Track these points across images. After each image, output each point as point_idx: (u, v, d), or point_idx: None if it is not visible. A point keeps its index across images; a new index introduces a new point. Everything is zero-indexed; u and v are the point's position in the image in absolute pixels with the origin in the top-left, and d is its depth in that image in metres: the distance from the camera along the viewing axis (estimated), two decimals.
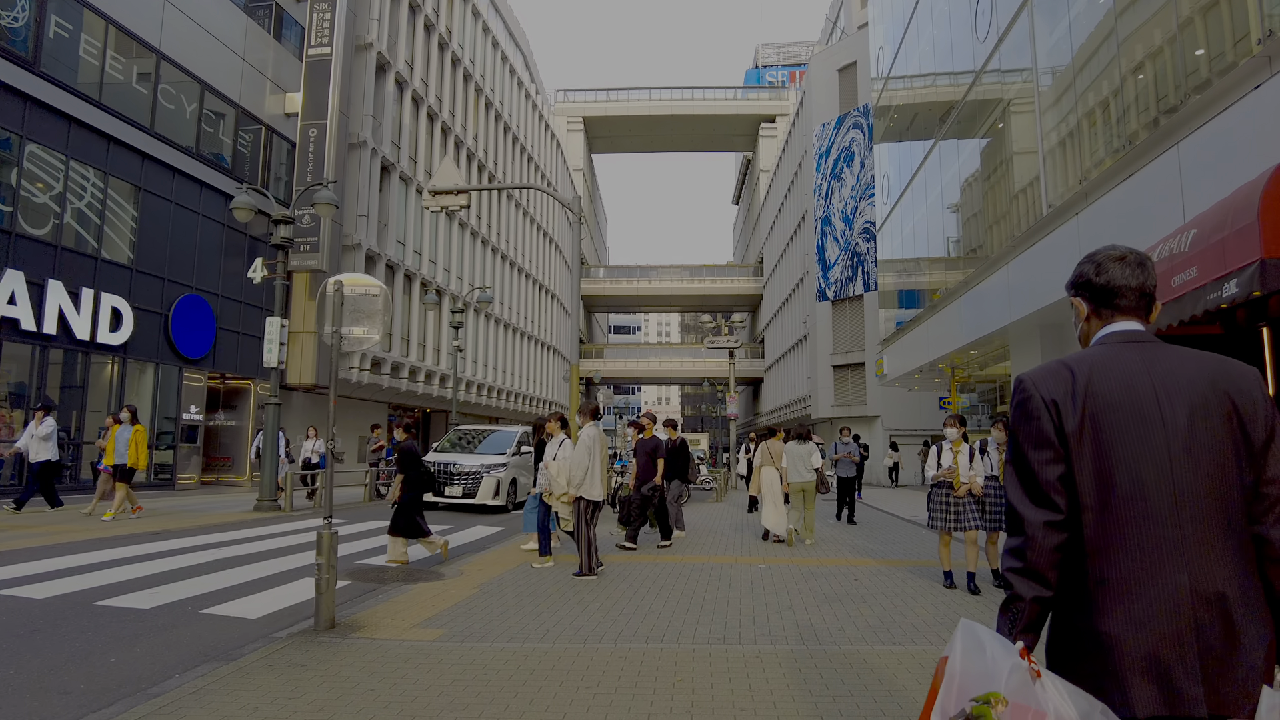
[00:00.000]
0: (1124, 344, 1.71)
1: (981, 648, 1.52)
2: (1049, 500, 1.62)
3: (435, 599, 6.76)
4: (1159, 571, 1.54)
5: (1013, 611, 1.62)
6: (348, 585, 7.61)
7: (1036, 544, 1.60)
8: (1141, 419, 1.60)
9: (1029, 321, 14.77)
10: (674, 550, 10.02)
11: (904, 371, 24.41)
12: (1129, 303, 1.75)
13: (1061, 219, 12.47)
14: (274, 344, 14.61)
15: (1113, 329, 1.76)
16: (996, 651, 1.50)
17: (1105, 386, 1.63)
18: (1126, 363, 1.66)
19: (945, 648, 1.58)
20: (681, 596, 6.87)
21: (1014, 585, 1.63)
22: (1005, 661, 1.47)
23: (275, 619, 6.13)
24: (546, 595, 6.91)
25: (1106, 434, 1.61)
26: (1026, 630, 1.60)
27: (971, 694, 1.47)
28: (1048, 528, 1.60)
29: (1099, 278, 1.77)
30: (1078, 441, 1.62)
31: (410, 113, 29.90)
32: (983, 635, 1.54)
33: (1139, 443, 1.59)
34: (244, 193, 14.46)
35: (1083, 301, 1.83)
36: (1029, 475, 1.65)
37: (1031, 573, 1.61)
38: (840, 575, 8.10)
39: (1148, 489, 1.57)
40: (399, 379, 28.20)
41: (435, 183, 14.97)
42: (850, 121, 38.10)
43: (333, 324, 5.94)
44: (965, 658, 1.52)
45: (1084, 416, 1.62)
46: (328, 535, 5.68)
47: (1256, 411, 1.61)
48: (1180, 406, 1.60)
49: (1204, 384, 1.62)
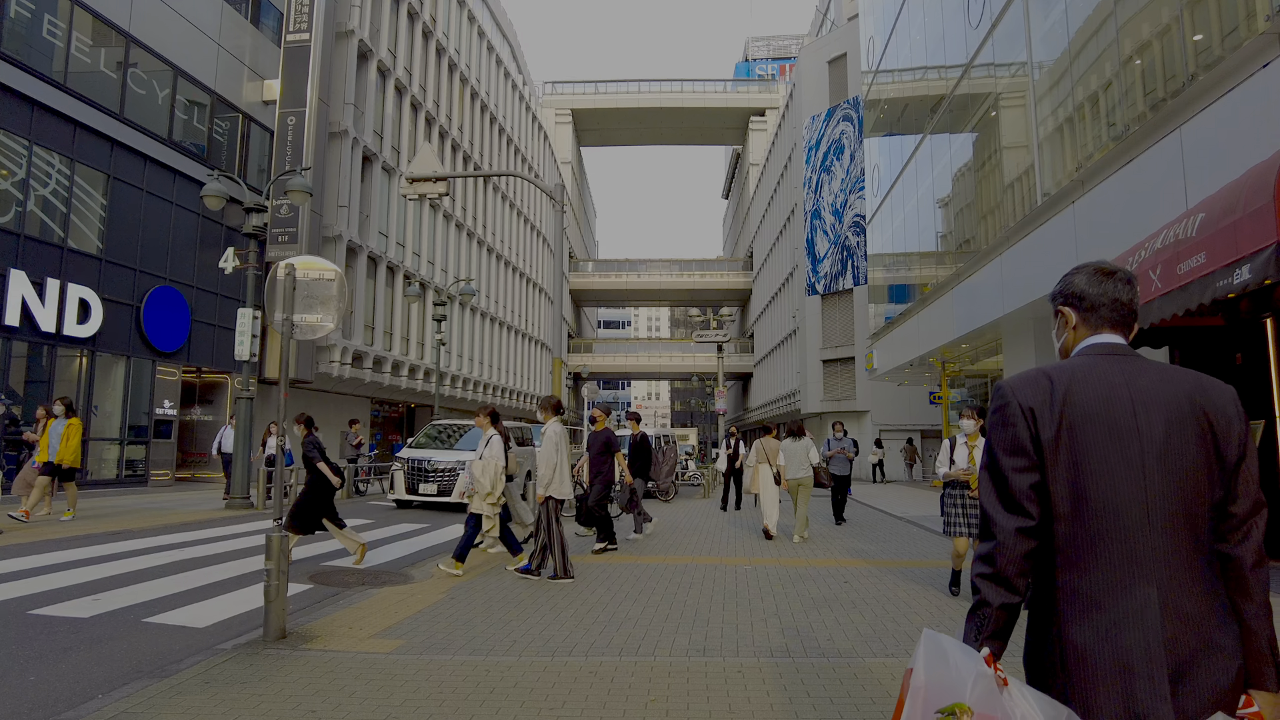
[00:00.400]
0: (1106, 356, 1.71)
1: (945, 657, 1.50)
2: (1021, 508, 1.61)
3: (399, 605, 6.35)
4: (1129, 584, 1.55)
5: (979, 618, 1.61)
6: (309, 589, 7.19)
7: (1007, 550, 1.60)
8: (1118, 431, 1.60)
9: (1022, 314, 14.45)
10: (658, 550, 9.63)
11: (894, 365, 24.11)
12: (1116, 317, 1.76)
13: (1057, 208, 12.14)
14: (246, 336, 14.13)
15: (1096, 340, 1.76)
16: (960, 661, 1.48)
17: (1084, 397, 1.63)
18: (1107, 374, 1.67)
19: (910, 659, 1.55)
20: (661, 602, 6.48)
21: (981, 591, 1.62)
22: (969, 670, 1.45)
23: (225, 628, 5.70)
24: (518, 601, 6.51)
25: (1082, 444, 1.60)
26: (993, 637, 1.59)
27: (937, 706, 1.45)
28: (1019, 534, 1.60)
29: (1091, 289, 1.78)
30: (1053, 451, 1.61)
31: (393, 102, 29.34)
32: (946, 645, 1.52)
33: (1114, 455, 1.59)
34: (215, 180, 13.98)
35: (1072, 312, 1.82)
36: (1002, 481, 1.64)
37: (1000, 579, 1.60)
38: (829, 577, 7.73)
39: (1121, 501, 1.57)
40: (381, 373, 27.70)
41: (413, 169, 14.49)
42: (840, 114, 37.76)
43: (284, 311, 5.51)
44: (929, 669, 1.50)
45: (1061, 426, 1.62)
46: (276, 539, 5.26)
47: (1230, 429, 1.61)
48: (1157, 419, 1.61)
49: (1182, 399, 1.62)
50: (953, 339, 17.85)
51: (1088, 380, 1.66)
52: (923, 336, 20.24)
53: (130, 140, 17.61)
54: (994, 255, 14.94)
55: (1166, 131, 9.01)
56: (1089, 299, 1.78)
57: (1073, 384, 1.65)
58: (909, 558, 9.17)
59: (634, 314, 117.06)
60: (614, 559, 8.84)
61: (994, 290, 14.90)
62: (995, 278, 14.84)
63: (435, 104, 32.92)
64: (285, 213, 21.96)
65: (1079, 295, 1.80)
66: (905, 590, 7.08)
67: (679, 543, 10.34)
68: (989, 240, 15.37)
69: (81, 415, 16.63)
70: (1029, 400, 1.65)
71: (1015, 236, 13.92)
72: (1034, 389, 1.66)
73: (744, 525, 12.64)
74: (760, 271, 56.19)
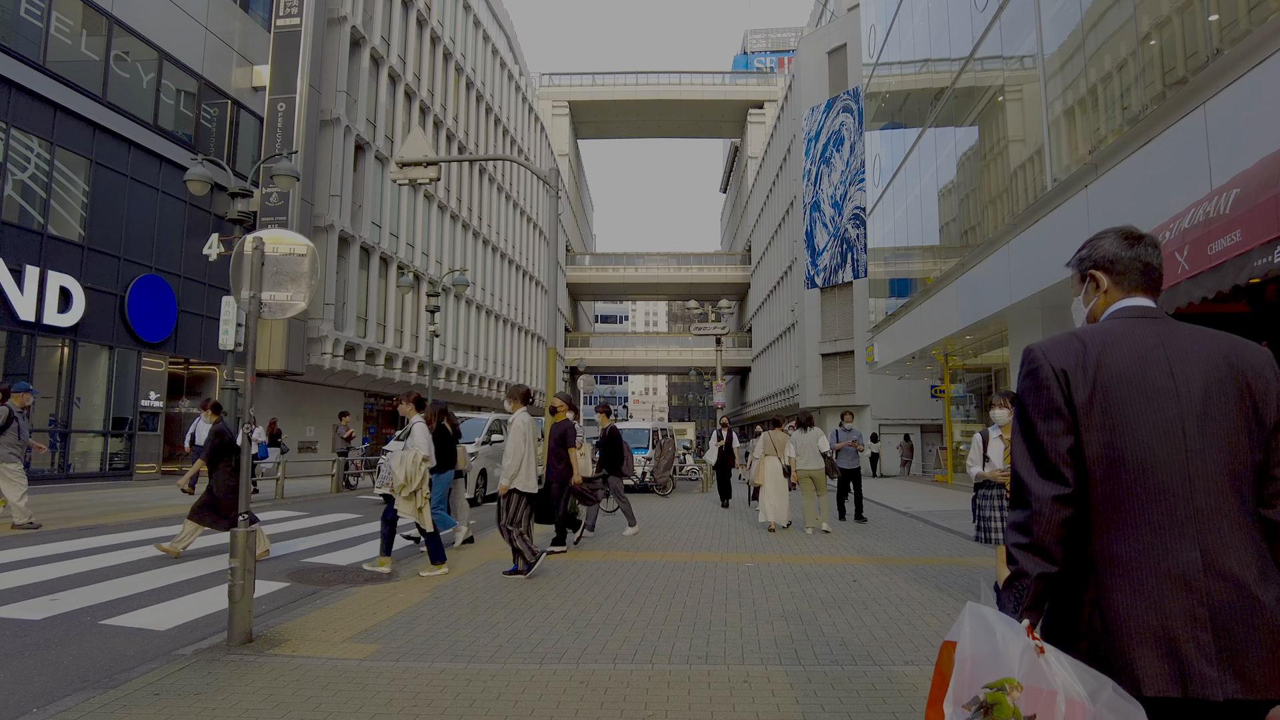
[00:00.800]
0: (1138, 319, 1.69)
1: (991, 631, 1.46)
2: (1058, 473, 1.57)
3: (379, 605, 5.94)
4: (1170, 547, 1.51)
5: (1017, 589, 1.57)
6: (285, 588, 6.78)
7: (1043, 518, 1.56)
8: (1155, 392, 1.57)
9: (1030, 304, 14.05)
10: (656, 547, 9.23)
11: (895, 359, 23.70)
12: (1146, 280, 1.75)
13: (1068, 193, 11.72)
14: (231, 325, 13.73)
15: (1127, 304, 1.74)
16: (1006, 634, 1.44)
17: (1118, 359, 1.61)
18: (1140, 336, 1.64)
19: (950, 631, 1.52)
20: (659, 602, 6.07)
21: (1019, 561, 1.58)
22: (1016, 644, 1.42)
23: (188, 630, 5.29)
24: (507, 601, 6.10)
25: (1118, 406, 1.57)
26: (1032, 608, 1.56)
27: (984, 680, 1.42)
28: (1055, 502, 1.56)
29: (1124, 253, 1.76)
30: (1087, 413, 1.58)
31: (386, 90, 28.83)
32: (990, 618, 1.48)
33: (1152, 416, 1.56)
34: (199, 164, 13.52)
35: (1105, 275, 1.79)
36: (1037, 447, 1.60)
37: (1038, 548, 1.56)
38: (836, 576, 7.33)
39: (1159, 463, 1.54)
40: (374, 365, 27.25)
41: (403, 153, 14.04)
42: (840, 105, 37.29)
43: (250, 288, 5.09)
44: (975, 642, 1.46)
45: (1095, 388, 1.59)
46: (243, 535, 4.85)
47: (1269, 391, 1.59)
48: (1195, 380, 1.58)
49: (1219, 360, 1.59)
50: (956, 330, 17.45)
51: (1121, 342, 1.63)
52: (925, 329, 19.83)
53: (114, 125, 17.13)
54: (1000, 244, 14.53)
55: (1189, 109, 8.59)
56: (1121, 263, 1.76)
57: (1106, 346, 1.62)
58: (918, 555, 8.77)
59: (632, 308, 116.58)
60: (610, 555, 8.44)
61: (1000, 280, 14.50)
62: (1002, 267, 14.43)
63: (430, 93, 32.40)
64: (275, 201, 21.50)
65: (1110, 259, 1.77)
66: (918, 591, 6.68)
67: (678, 539, 9.94)
68: (995, 229, 14.96)
69: (64, 407, 16.21)
70: (1061, 362, 1.62)
71: (1023, 224, 13.51)
72: (1065, 351, 1.63)
73: (744, 520, 12.24)
74: (758, 265, 55.75)
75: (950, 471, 21.71)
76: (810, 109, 39.28)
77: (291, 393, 23.96)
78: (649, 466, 18.27)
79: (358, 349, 25.92)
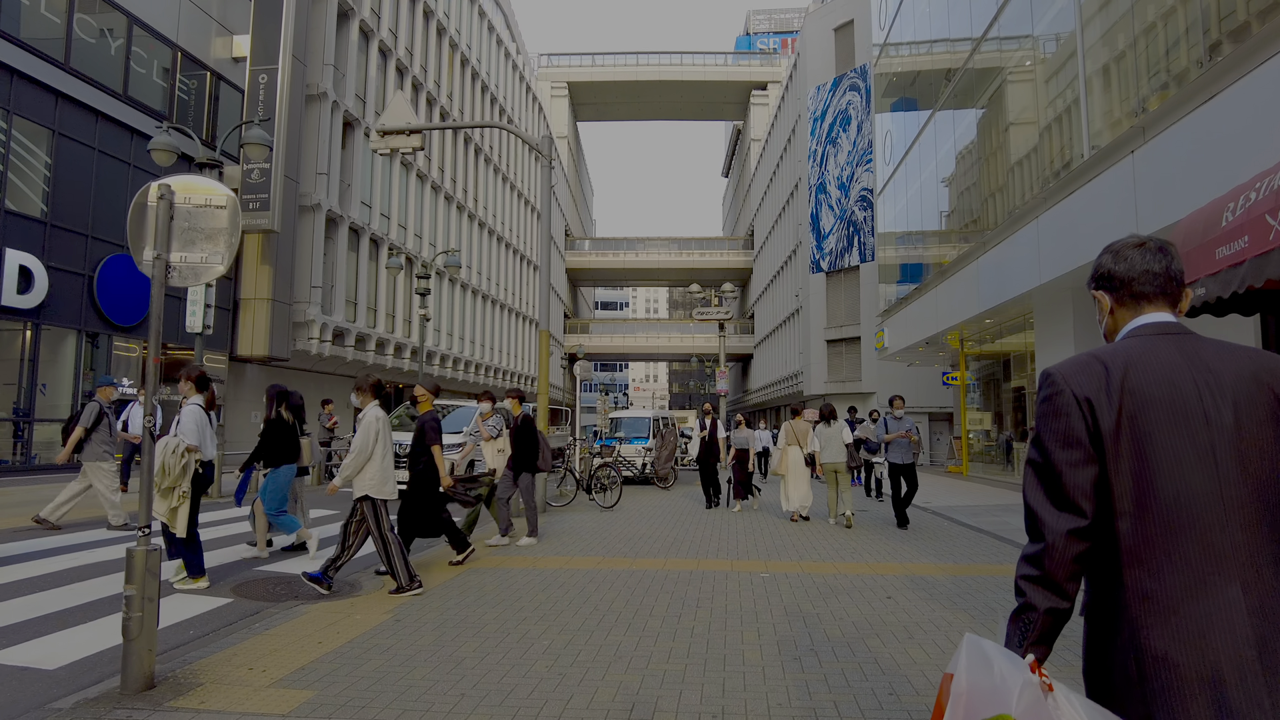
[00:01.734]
0: (1158, 336, 1.59)
1: (989, 664, 1.40)
2: (1074, 505, 1.49)
3: (328, 630, 4.97)
4: (1210, 583, 1.42)
5: (1024, 622, 1.51)
6: (226, 605, 5.82)
7: (1056, 552, 1.48)
8: (1185, 417, 1.48)
9: (1060, 284, 13.04)
10: (657, 551, 8.26)
11: (907, 344, 22.69)
12: (1154, 290, 1.65)
13: (1108, 162, 10.68)
14: (198, 306, 12.71)
15: (1143, 321, 1.65)
16: (1005, 668, 1.38)
17: (1144, 382, 1.51)
18: (1164, 356, 1.54)
19: (950, 662, 1.44)
20: (662, 628, 5.10)
21: (1027, 594, 1.52)
22: (1015, 679, 1.36)
23: (84, 669, 4.32)
24: (479, 627, 5.13)
25: (1147, 434, 1.48)
26: (1038, 642, 1.49)
27: (980, 715, 1.37)
28: (1070, 536, 1.48)
29: (1119, 266, 1.68)
30: (1114, 442, 1.49)
31: (377, 65, 27.69)
32: (989, 651, 1.42)
33: (1182, 443, 1.47)
34: (164, 132, 12.49)
35: (1106, 295, 1.71)
36: (1053, 477, 1.52)
37: (1048, 582, 1.49)
38: (865, 590, 6.36)
39: (1194, 493, 1.45)
40: (365, 351, 26.27)
41: (384, 120, 13.02)
42: (847, 83, 36.12)
43: (155, 247, 4.08)
44: (971, 675, 1.41)
45: (1121, 415, 1.50)
46: (141, 554, 3.87)
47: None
48: (1225, 403, 1.49)
49: (1248, 379, 1.51)
50: (976, 313, 16.43)
51: (1146, 363, 1.53)
52: (941, 312, 18.81)
53: (79, 93, 16.05)
54: (1028, 220, 13.50)
55: (1266, 56, 7.55)
56: (1118, 276, 1.68)
57: (1130, 368, 1.53)
58: (951, 561, 7.80)
59: (632, 295, 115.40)
60: (605, 564, 7.46)
61: (1027, 258, 13.47)
62: (1029, 245, 13.40)
63: (423, 69, 31.23)
64: (256, 178, 20.46)
65: (1106, 275, 1.71)
66: (964, 614, 5.70)
67: (680, 540, 8.97)
68: (1021, 204, 13.92)
69: (26, 395, 15.24)
70: (1084, 389, 1.53)
71: (1055, 198, 12.47)
72: (1088, 376, 1.54)
73: (751, 518, 11.28)
74: (761, 250, 54.64)
75: (965, 463, 20.74)
76: (816, 88, 38.10)
77: (276, 379, 22.95)
78: (649, 457, 17.32)
79: (347, 334, 24.93)
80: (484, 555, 7.81)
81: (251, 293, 21.39)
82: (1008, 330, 17.95)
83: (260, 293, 21.36)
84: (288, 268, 22.07)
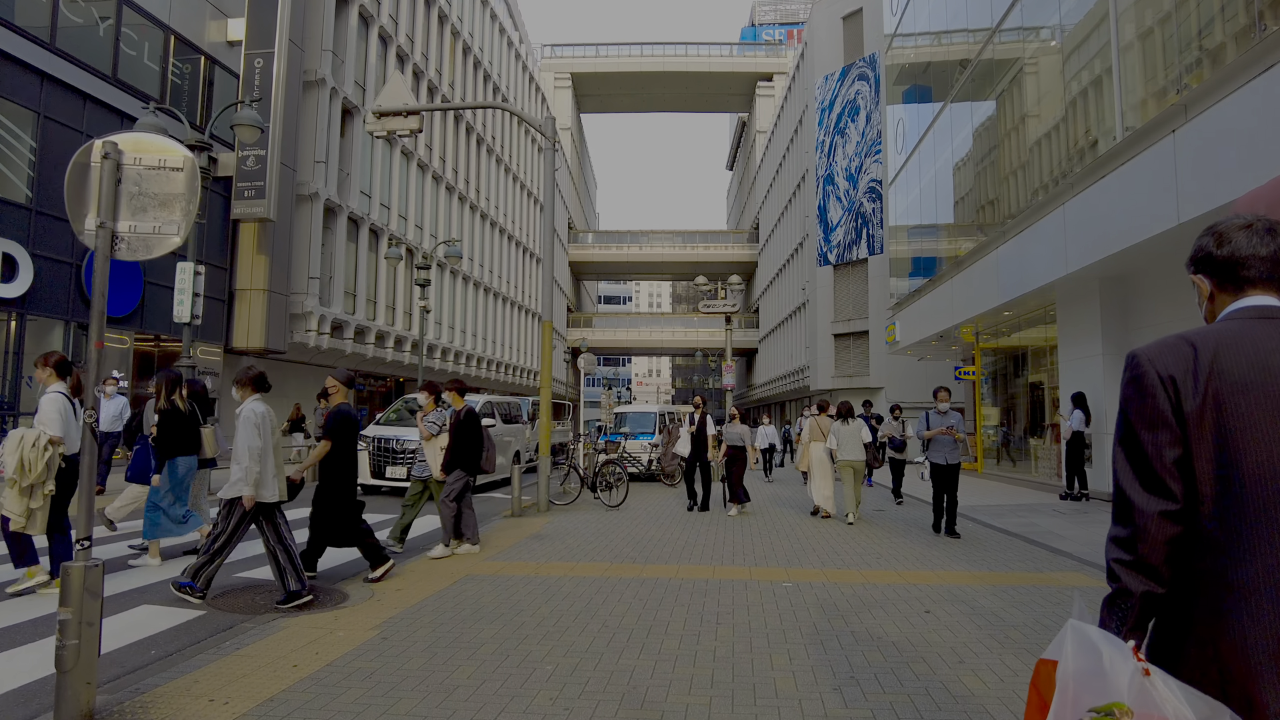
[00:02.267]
0: (1257, 320, 1.52)
1: (1096, 650, 1.36)
2: (1164, 487, 1.46)
3: (306, 650, 4.43)
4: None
5: (1120, 608, 1.48)
6: (198, 618, 5.29)
7: (1149, 535, 1.45)
8: (1276, 402, 1.41)
9: (1087, 275, 12.49)
10: (669, 556, 7.71)
11: (919, 338, 22.12)
12: (1259, 274, 1.56)
13: (1145, 143, 10.08)
14: (187, 295, 12.16)
15: (1246, 303, 1.56)
16: (1113, 655, 1.34)
17: (1234, 365, 1.46)
18: (1260, 340, 1.47)
19: (1049, 649, 1.43)
20: (680, 649, 4.55)
21: (1121, 579, 1.48)
22: (1125, 666, 1.32)
23: (18, 700, 3.79)
24: (476, 645, 4.59)
25: (1233, 418, 1.43)
26: (1135, 628, 1.47)
27: (1089, 704, 1.33)
28: (1162, 518, 1.45)
29: (1221, 250, 1.60)
30: (1198, 424, 1.45)
31: (377, 52, 27.09)
32: (1095, 636, 1.38)
33: (1271, 428, 1.41)
34: (150, 113, 11.94)
35: (1204, 279, 1.64)
36: (1141, 459, 1.49)
37: (1142, 566, 1.46)
38: (900, 602, 5.80)
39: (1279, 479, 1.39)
40: (364, 344, 25.73)
41: (380, 101, 12.46)
42: (856, 72, 35.44)
43: (99, 214, 3.53)
44: (1078, 662, 1.37)
45: (1207, 397, 1.45)
46: (78, 573, 3.32)
47: None
48: None
49: None
50: (994, 306, 15.84)
51: (1238, 346, 1.47)
52: (957, 305, 18.21)
53: (66, 75, 15.48)
54: (1052, 207, 12.91)
55: None
56: (1219, 259, 1.60)
57: (1220, 350, 1.47)
58: (986, 568, 7.24)
59: (635, 289, 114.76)
60: (613, 571, 6.91)
61: (1052, 247, 12.88)
62: (1054, 233, 12.81)
63: (424, 56, 30.62)
64: (252, 164, 19.91)
65: (1207, 258, 1.63)
66: (1016, 631, 5.14)
67: (693, 543, 8.42)
68: (1045, 190, 13.32)
69: (11, 387, 14.72)
70: (1168, 368, 1.49)
71: (1083, 183, 11.88)
72: (1174, 356, 1.49)
73: (765, 517, 10.73)
74: (766, 243, 53.98)
75: (981, 459, 20.17)
76: (824, 77, 37.42)
77: (273, 373, 22.34)
78: (656, 454, 16.77)
79: (345, 326, 24.39)
80: (478, 563, 7.27)
81: (247, 283, 20.84)
82: (1026, 324, 17.36)
83: (256, 283, 20.81)
84: (285, 258, 21.52)
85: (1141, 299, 12.70)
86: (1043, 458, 16.21)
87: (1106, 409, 12.74)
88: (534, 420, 17.92)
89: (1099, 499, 12.64)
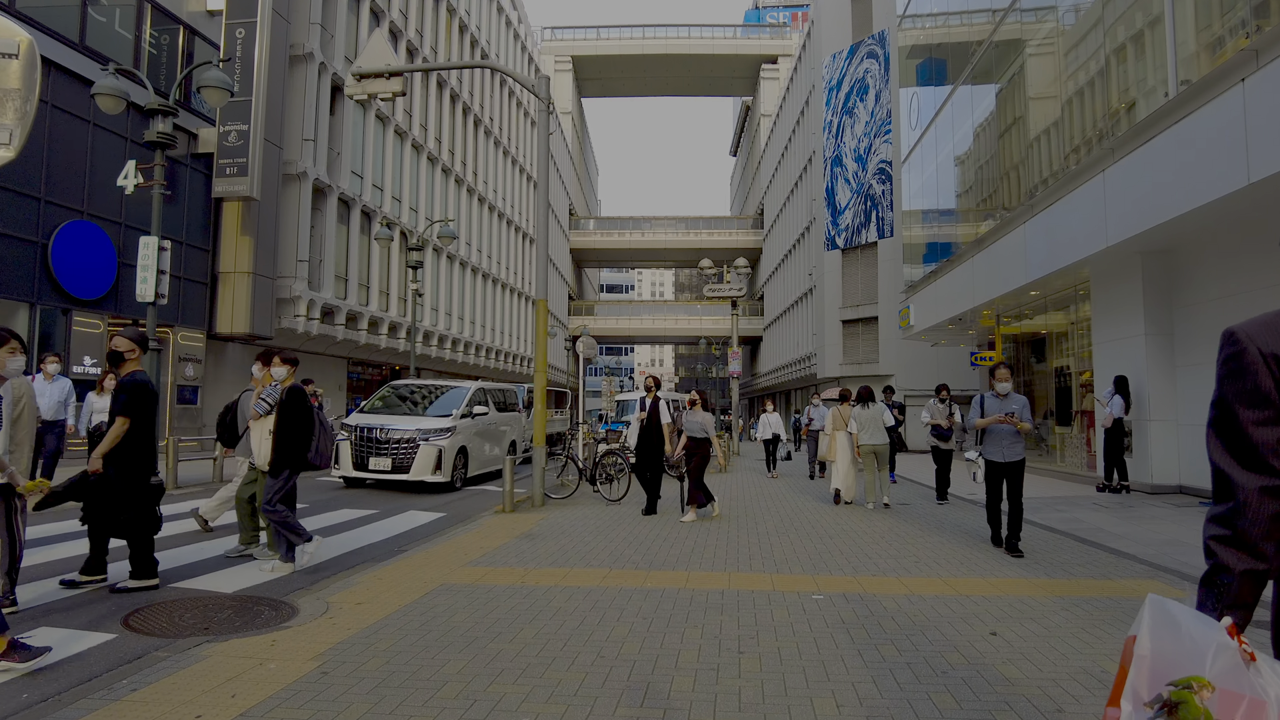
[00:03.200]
0: None
1: (1175, 625, 1.30)
2: (1265, 464, 1.40)
3: (221, 690, 3.48)
4: None
5: (1218, 586, 1.41)
6: (105, 642, 4.35)
7: (1250, 511, 1.39)
8: None
9: (1128, 248, 11.48)
10: (677, 561, 6.75)
11: (935, 322, 21.10)
12: None
13: (1209, 94, 9.05)
14: (150, 272, 11.30)
15: None
16: (1195, 630, 1.28)
17: None
18: None
19: (1133, 625, 1.32)
20: (697, 693, 3.59)
21: (1219, 555, 1.42)
22: (1207, 641, 1.26)
23: None
24: (436, 686, 3.63)
25: None
26: (1235, 606, 1.38)
27: (1168, 677, 1.26)
28: (1264, 494, 1.39)
29: None
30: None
31: (368, 27, 26.01)
32: (1176, 612, 1.31)
33: None
34: (111, 75, 11.01)
35: None
36: (1239, 437, 1.43)
37: (1241, 542, 1.39)
38: (955, 619, 4.84)
39: None
40: (356, 330, 24.79)
41: (361, 63, 11.47)
42: (864, 50, 34.27)
43: None
44: (1155, 637, 1.29)
45: None
46: None
47: None
48: None
49: None
50: (1021, 285, 14.81)
51: None
52: (978, 285, 17.19)
53: None
54: (1090, 174, 11.89)
55: None
56: None
57: None
58: (1043, 574, 6.26)
59: (638, 277, 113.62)
60: (612, 578, 5.96)
61: (1090, 219, 11.86)
62: (1092, 203, 11.79)
63: (418, 33, 29.56)
64: (234, 140, 18.92)
65: None
66: (1110, 660, 4.18)
67: (703, 542, 7.47)
68: (1081, 157, 12.30)
69: None
70: (1270, 345, 1.43)
71: (1126, 147, 10.86)
72: (1275, 333, 1.44)
73: (782, 507, 9.76)
74: (771, 229, 52.88)
75: None
76: (831, 56, 36.26)
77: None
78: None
79: (336, 311, 23.43)
80: (456, 568, 6.31)
81: (231, 265, 19.87)
82: (1053, 305, 16.34)
83: (240, 265, 19.84)
84: (270, 239, 20.53)
85: (1189, 274, 11.68)
86: (1071, 447, 15.23)
87: (1150, 394, 11.75)
88: (530, 408, 16.99)
89: (1140, 491, 11.67)
